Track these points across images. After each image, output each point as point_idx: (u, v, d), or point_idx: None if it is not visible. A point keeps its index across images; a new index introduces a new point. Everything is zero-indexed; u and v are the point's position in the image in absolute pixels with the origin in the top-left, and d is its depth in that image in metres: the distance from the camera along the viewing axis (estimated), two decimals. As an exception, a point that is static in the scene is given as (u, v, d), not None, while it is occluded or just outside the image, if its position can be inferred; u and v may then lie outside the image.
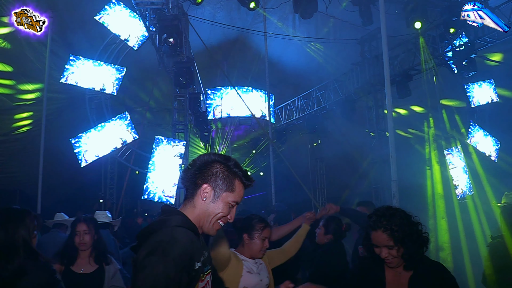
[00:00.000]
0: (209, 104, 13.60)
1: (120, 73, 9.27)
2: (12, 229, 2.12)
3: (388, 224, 1.92)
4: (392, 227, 1.91)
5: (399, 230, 1.90)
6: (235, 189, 1.57)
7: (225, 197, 1.55)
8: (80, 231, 3.00)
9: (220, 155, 1.62)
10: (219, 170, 1.56)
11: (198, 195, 1.54)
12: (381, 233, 1.92)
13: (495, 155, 10.38)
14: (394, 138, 5.23)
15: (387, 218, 1.93)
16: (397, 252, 1.91)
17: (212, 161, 1.57)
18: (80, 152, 8.80)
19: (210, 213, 1.53)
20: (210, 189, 1.54)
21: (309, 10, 8.05)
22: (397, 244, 1.89)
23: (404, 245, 1.90)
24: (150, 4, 7.30)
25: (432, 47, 9.16)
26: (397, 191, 5.04)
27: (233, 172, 1.58)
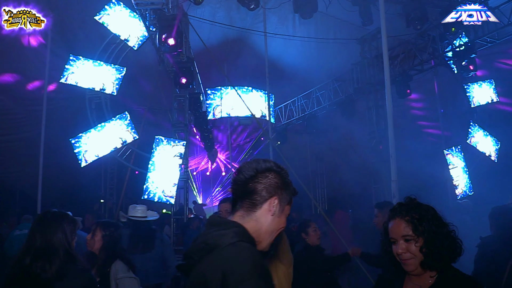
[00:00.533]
0: (209, 104, 13.60)
1: (120, 73, 9.27)
2: (51, 232, 2.15)
3: (408, 212, 1.63)
4: (412, 215, 1.62)
5: (421, 219, 1.60)
6: (291, 201, 1.47)
7: (287, 210, 1.44)
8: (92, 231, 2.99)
9: (275, 163, 1.47)
10: (282, 181, 1.43)
11: (265, 209, 1.38)
12: (399, 221, 1.64)
13: (495, 155, 10.38)
14: (394, 138, 5.23)
15: (409, 207, 1.66)
16: (416, 248, 1.58)
17: (272, 170, 1.43)
18: (80, 152, 8.80)
19: (274, 228, 1.40)
20: (277, 202, 1.40)
21: (309, 10, 8.06)
22: (417, 235, 1.58)
23: (425, 240, 1.58)
24: (150, 4, 7.30)
25: (432, 47, 9.16)
26: (397, 191, 5.04)
27: (288, 182, 1.47)
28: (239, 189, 1.41)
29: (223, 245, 1.25)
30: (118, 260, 2.88)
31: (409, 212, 1.63)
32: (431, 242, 1.57)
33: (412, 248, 1.59)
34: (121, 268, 2.84)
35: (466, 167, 9.82)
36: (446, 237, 1.59)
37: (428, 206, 1.67)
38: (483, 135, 10.29)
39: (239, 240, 1.27)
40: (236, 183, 1.42)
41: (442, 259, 1.57)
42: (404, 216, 1.62)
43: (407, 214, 1.63)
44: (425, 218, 1.60)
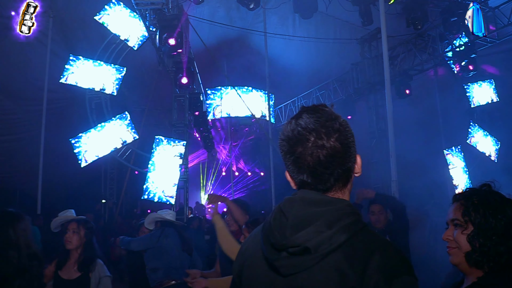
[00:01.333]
0: (209, 104, 13.61)
1: (120, 73, 9.27)
2: (2, 232, 2.14)
3: (468, 196, 1.35)
4: (470, 199, 1.33)
5: (479, 205, 1.31)
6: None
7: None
8: (70, 229, 2.94)
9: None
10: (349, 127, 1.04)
11: (352, 173, 1.04)
12: (455, 204, 1.37)
13: (495, 155, 10.38)
14: (394, 138, 5.23)
15: (475, 191, 1.37)
16: (462, 236, 1.30)
17: (339, 117, 1.03)
18: (80, 152, 8.80)
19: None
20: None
21: (309, 10, 8.06)
22: (465, 220, 1.30)
23: (475, 229, 1.28)
24: (150, 4, 7.30)
25: (432, 47, 9.16)
26: (397, 191, 5.04)
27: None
28: (326, 166, 0.96)
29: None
30: (99, 259, 2.95)
31: (470, 196, 1.35)
32: (483, 233, 1.26)
33: (459, 236, 1.31)
34: (101, 268, 2.91)
35: (466, 167, 9.81)
36: (510, 236, 1.26)
37: (506, 198, 1.35)
38: (483, 135, 10.28)
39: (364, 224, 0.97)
40: (315, 160, 0.96)
41: (495, 258, 1.25)
42: (461, 199, 1.36)
43: (465, 198, 1.35)
44: (485, 206, 1.30)
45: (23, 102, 10.06)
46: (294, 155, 0.99)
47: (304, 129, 0.97)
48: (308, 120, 0.98)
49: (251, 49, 11.61)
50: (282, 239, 0.92)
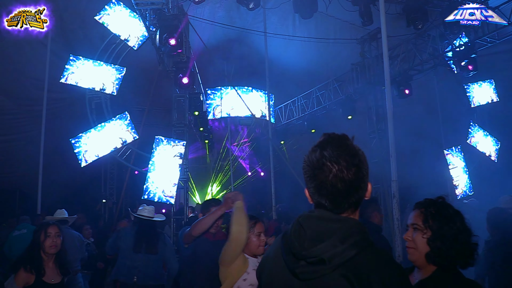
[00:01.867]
0: (209, 104, 13.61)
1: (120, 73, 9.26)
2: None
3: (427, 205, 1.68)
4: (429, 208, 1.65)
5: (436, 214, 1.61)
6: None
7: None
8: (52, 233, 2.93)
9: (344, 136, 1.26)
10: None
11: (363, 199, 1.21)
12: (416, 211, 1.70)
13: (495, 155, 10.38)
14: (394, 138, 5.23)
15: (432, 202, 1.69)
16: (422, 240, 1.61)
17: (360, 151, 1.23)
18: (80, 152, 8.79)
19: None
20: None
21: (309, 10, 8.05)
22: (425, 226, 1.61)
23: (432, 233, 1.59)
24: (150, 4, 7.29)
25: (432, 47, 9.16)
26: (397, 191, 5.04)
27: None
28: (340, 192, 1.14)
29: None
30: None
31: (429, 206, 1.66)
32: (439, 237, 1.58)
33: (418, 238, 1.63)
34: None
35: (466, 167, 9.81)
36: (460, 241, 1.57)
37: (455, 210, 1.66)
38: (483, 135, 10.28)
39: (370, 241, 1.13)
40: (333, 185, 1.14)
41: (447, 258, 1.57)
42: (421, 208, 1.68)
43: (424, 206, 1.67)
44: (442, 215, 1.61)
45: (23, 102, 10.06)
46: (316, 181, 1.17)
47: (328, 161, 1.15)
48: (332, 153, 1.16)
49: (251, 49, 11.60)
50: (302, 250, 1.09)
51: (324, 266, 1.06)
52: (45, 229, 2.94)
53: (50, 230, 2.94)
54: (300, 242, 1.10)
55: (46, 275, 2.84)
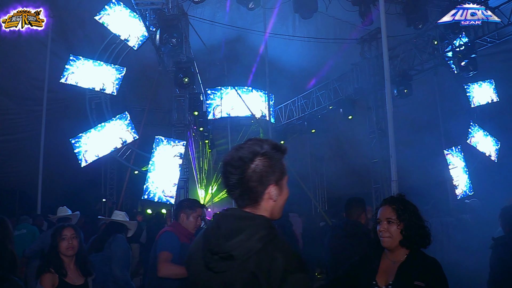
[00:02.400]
0: (209, 104, 13.61)
1: (120, 73, 9.26)
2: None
3: (395, 202, 2.11)
4: (398, 205, 2.08)
5: (404, 209, 2.06)
6: (285, 170, 1.39)
7: (285, 181, 1.38)
8: (68, 235, 2.90)
9: (256, 140, 1.37)
10: (271, 163, 1.33)
11: (266, 199, 1.33)
12: (387, 207, 2.10)
13: (495, 155, 10.38)
14: (394, 138, 5.23)
15: (398, 199, 2.14)
16: (396, 230, 2.03)
17: (258, 154, 1.31)
18: (80, 152, 8.79)
19: (282, 204, 1.38)
20: (275, 188, 1.34)
21: (309, 10, 8.05)
22: (398, 220, 2.04)
23: (404, 225, 2.03)
24: (150, 4, 7.29)
25: (432, 47, 9.16)
26: (397, 191, 5.03)
27: (277, 159, 1.35)
28: (235, 189, 1.32)
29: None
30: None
31: (396, 202, 2.09)
32: (409, 227, 2.02)
33: (393, 229, 2.04)
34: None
35: (466, 167, 9.81)
36: (421, 227, 2.05)
37: (413, 204, 2.11)
38: (483, 135, 10.28)
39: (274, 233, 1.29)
40: (228, 184, 1.33)
41: (416, 242, 2.03)
42: (392, 204, 2.09)
43: (394, 203, 2.09)
44: (408, 210, 2.06)
45: (23, 102, 10.07)
46: (223, 181, 1.36)
47: (227, 160, 1.33)
48: (230, 154, 1.34)
49: (251, 49, 11.60)
50: (216, 246, 1.25)
51: (232, 261, 1.22)
52: (60, 231, 2.91)
53: (65, 232, 2.91)
54: (215, 239, 1.26)
55: (69, 276, 2.84)
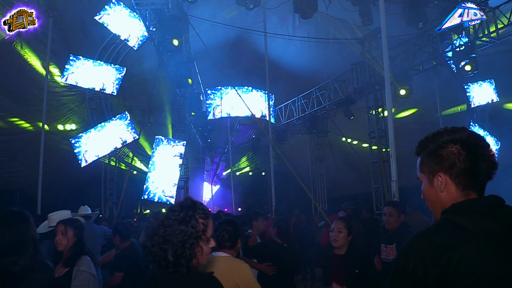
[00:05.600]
0: (209, 104, 13.61)
1: (120, 73, 9.26)
2: (24, 229, 2.19)
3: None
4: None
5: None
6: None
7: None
8: (58, 231, 2.99)
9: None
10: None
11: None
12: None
13: (495, 155, 10.37)
14: (394, 138, 5.23)
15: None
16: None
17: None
18: (80, 152, 8.80)
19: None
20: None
21: (309, 10, 8.05)
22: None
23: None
24: (150, 4, 7.30)
25: (432, 47, 9.16)
26: (397, 191, 5.04)
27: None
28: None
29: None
30: (85, 256, 2.96)
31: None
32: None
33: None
34: (85, 263, 2.90)
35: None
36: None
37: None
38: (483, 135, 10.27)
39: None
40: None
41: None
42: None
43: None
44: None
45: (23, 102, 10.07)
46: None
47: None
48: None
49: (251, 49, 11.61)
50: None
51: None
52: (58, 226, 3.01)
53: (57, 228, 3.01)
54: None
55: (56, 269, 2.88)
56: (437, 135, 1.24)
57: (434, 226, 1.15)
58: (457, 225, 1.07)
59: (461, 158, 1.16)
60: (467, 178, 1.16)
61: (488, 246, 1.02)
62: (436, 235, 1.08)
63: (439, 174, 1.18)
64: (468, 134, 1.19)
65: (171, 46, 7.44)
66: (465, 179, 1.16)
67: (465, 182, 1.16)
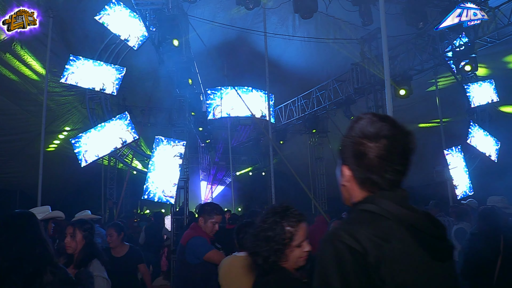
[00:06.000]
0: (209, 104, 13.61)
1: (120, 73, 9.26)
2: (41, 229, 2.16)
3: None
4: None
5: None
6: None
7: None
8: (67, 233, 2.94)
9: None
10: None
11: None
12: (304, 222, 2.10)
13: (495, 155, 10.37)
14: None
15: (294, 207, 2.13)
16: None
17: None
18: (80, 152, 8.79)
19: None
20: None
21: (309, 10, 8.05)
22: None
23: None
24: (150, 4, 7.30)
25: (432, 47, 9.15)
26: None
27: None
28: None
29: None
30: (96, 259, 2.91)
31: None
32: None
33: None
34: (97, 267, 2.86)
35: (466, 167, 9.80)
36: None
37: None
38: (483, 135, 10.28)
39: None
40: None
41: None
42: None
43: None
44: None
45: (23, 102, 10.07)
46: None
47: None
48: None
49: (251, 49, 11.61)
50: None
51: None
52: (67, 228, 2.96)
53: (66, 230, 2.96)
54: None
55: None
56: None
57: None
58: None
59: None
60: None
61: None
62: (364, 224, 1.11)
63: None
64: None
65: (171, 46, 7.44)
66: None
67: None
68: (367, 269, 1.02)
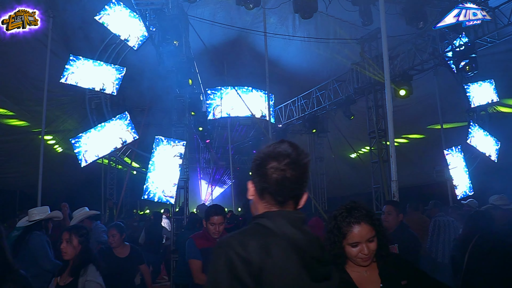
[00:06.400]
0: (209, 104, 13.61)
1: (120, 73, 9.26)
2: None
3: (368, 214, 1.79)
4: (372, 216, 1.79)
5: (376, 220, 1.80)
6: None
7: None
8: (63, 239, 2.89)
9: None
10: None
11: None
12: (365, 225, 1.76)
13: (495, 155, 10.37)
14: (394, 138, 5.22)
15: (364, 208, 1.81)
16: (375, 244, 1.78)
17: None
18: (80, 152, 8.79)
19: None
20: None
21: (309, 10, 8.05)
22: (377, 235, 1.79)
23: (380, 235, 1.80)
24: (150, 4, 7.30)
25: (432, 47, 9.16)
26: (397, 191, 5.03)
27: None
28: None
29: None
30: (91, 264, 2.88)
31: (368, 212, 1.80)
32: (384, 237, 1.83)
33: (374, 246, 1.78)
34: (92, 272, 2.84)
35: (466, 167, 9.81)
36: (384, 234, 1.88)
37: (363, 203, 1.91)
38: (483, 135, 10.28)
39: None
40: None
41: (386, 248, 1.85)
42: (368, 221, 1.77)
43: (368, 215, 1.78)
44: (376, 216, 1.83)
45: (23, 102, 10.06)
46: None
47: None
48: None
49: (251, 49, 11.61)
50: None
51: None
52: (63, 234, 2.92)
53: (62, 236, 2.91)
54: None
55: (62, 277, 2.88)
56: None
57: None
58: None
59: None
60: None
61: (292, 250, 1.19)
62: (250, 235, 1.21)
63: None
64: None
65: (171, 46, 7.44)
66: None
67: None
68: (253, 275, 1.14)
